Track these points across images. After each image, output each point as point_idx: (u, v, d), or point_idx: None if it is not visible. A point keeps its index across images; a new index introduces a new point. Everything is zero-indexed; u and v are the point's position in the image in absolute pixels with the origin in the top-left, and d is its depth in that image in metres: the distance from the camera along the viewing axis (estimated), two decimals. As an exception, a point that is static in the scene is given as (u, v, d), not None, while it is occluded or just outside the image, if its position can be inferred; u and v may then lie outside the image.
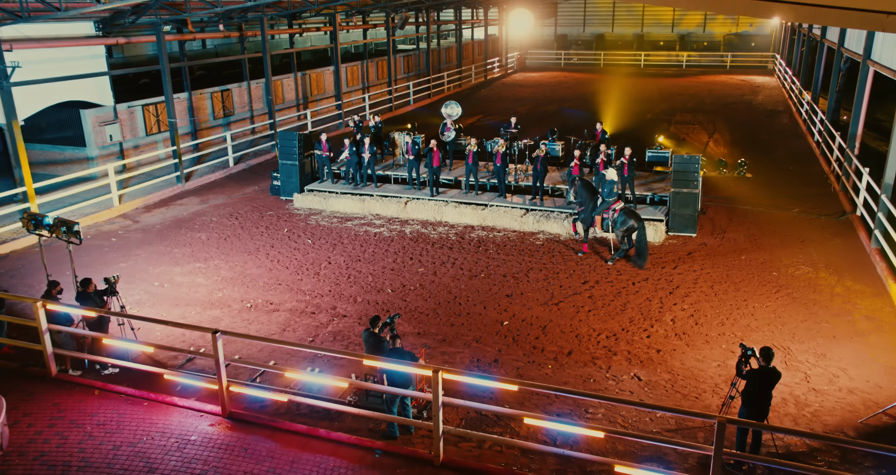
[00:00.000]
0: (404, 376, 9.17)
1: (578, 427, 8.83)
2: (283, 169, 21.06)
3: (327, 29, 32.76)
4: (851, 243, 16.88)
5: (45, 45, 19.38)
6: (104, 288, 11.37)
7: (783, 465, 7.43)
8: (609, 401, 9.95)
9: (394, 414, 9.45)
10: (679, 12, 57.96)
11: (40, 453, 9.15)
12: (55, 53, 20.13)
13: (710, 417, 7.56)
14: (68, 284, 12.73)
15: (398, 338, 9.63)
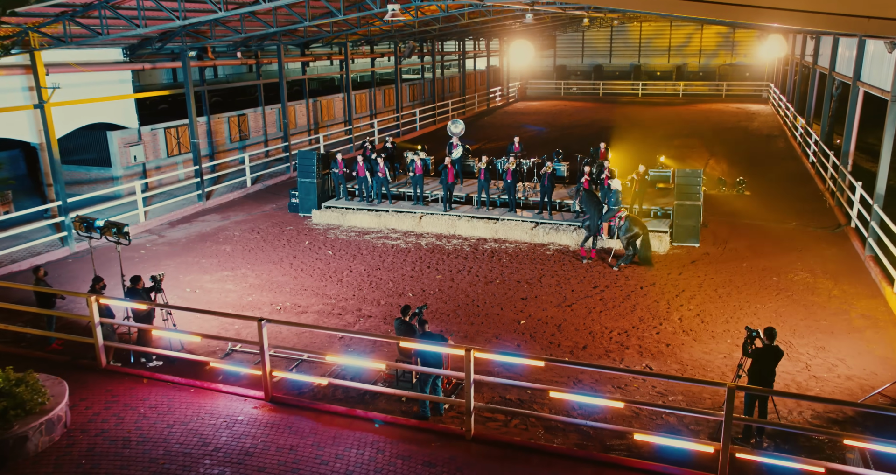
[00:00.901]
0: (437, 357, 9.97)
1: (599, 397, 9.60)
2: (301, 186, 21.99)
3: (338, 57, 34.02)
4: (846, 252, 17.76)
5: (78, 69, 20.43)
6: (151, 285, 12.19)
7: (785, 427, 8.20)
8: (628, 372, 10.76)
9: (427, 394, 10.21)
10: (675, 43, 59.58)
11: (101, 430, 9.89)
12: (87, 78, 21.17)
13: (721, 385, 8.36)
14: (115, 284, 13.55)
15: (426, 323, 10.44)
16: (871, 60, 19.74)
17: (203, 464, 9.12)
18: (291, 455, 9.30)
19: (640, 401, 9.82)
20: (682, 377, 10.39)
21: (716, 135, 36.65)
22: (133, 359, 12.25)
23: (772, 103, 49.09)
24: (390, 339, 10.53)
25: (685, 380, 9.68)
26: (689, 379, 10.00)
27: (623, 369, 10.09)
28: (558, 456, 9.27)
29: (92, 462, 9.18)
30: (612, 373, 11.45)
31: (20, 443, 9.15)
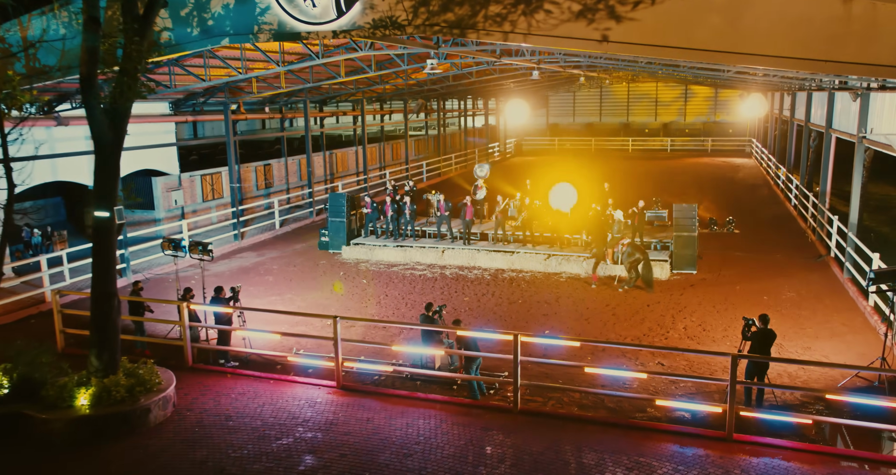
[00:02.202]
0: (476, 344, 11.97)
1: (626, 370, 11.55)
2: (331, 225, 24.09)
3: (353, 113, 36.67)
4: (827, 276, 19.92)
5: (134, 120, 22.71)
6: (230, 295, 14.13)
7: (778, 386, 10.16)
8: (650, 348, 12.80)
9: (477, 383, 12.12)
10: (662, 103, 63.08)
11: (203, 409, 11.69)
12: (140, 128, 23.46)
13: (726, 354, 10.36)
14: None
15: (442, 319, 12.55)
16: (840, 110, 22.38)
17: (297, 430, 10.92)
18: (369, 424, 11.12)
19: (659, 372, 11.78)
20: (694, 349, 12.43)
21: (704, 184, 39.24)
22: (212, 361, 14.07)
23: (755, 157, 52.09)
24: (448, 329, 12.44)
25: (696, 352, 11.70)
26: (699, 350, 12.01)
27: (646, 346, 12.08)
28: (590, 422, 11.15)
29: (203, 430, 10.97)
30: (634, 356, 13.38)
31: (144, 415, 10.95)
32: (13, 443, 10.65)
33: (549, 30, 10.02)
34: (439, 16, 10.65)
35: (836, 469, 9.62)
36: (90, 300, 11.41)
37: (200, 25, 12.35)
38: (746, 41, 9.68)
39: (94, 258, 11.27)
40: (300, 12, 11.75)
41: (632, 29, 9.80)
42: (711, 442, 10.39)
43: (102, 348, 11.28)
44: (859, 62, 9.01)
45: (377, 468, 9.77)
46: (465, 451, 10.19)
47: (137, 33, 10.40)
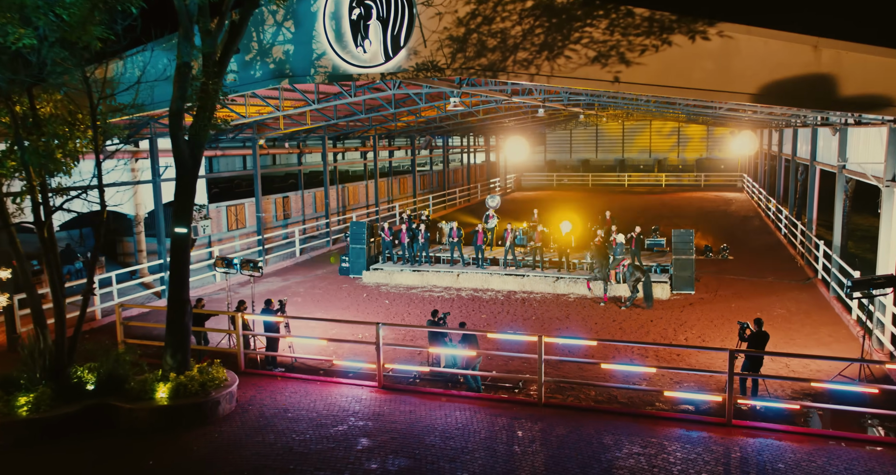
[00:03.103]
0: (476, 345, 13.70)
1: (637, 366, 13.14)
2: (352, 251, 25.74)
3: (365, 149, 38.61)
4: (815, 296, 21.60)
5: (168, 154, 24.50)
6: (277, 307, 15.72)
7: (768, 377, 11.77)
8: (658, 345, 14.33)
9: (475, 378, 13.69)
10: (655, 140, 65.44)
11: (262, 404, 13.19)
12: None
13: (724, 349, 11.97)
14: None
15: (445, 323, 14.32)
16: (823, 145, 24.35)
17: (349, 420, 12.43)
18: (412, 415, 12.64)
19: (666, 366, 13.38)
20: (695, 346, 14.02)
21: (699, 216, 41.15)
22: (260, 366, 15.57)
23: (746, 191, 54.19)
24: (479, 332, 14.02)
25: (698, 348, 13.27)
26: (701, 346, 13.59)
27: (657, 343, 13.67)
28: (605, 412, 12.70)
29: (266, 420, 12.46)
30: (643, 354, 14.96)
31: (215, 406, 12.45)
32: (103, 429, 12.13)
33: (569, 72, 11.85)
34: (474, 60, 12.48)
35: (820, 446, 11.18)
36: (167, 306, 12.99)
37: (262, 68, 14.17)
38: (735, 82, 11.49)
39: (172, 269, 12.89)
40: (352, 57, 13.59)
41: (639, 71, 11.62)
42: (713, 426, 11.95)
43: (176, 348, 12.83)
44: (828, 99, 10.80)
45: (424, 447, 11.28)
46: (499, 434, 11.71)
47: (215, 76, 12.20)
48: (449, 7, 12.62)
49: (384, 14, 13.06)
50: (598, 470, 10.49)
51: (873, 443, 11.32)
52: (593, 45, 11.72)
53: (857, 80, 10.55)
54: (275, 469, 10.64)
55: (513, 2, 12.01)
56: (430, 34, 12.86)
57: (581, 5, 11.75)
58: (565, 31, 11.80)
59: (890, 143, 14.97)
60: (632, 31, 11.47)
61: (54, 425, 11.81)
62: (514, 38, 12.15)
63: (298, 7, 13.68)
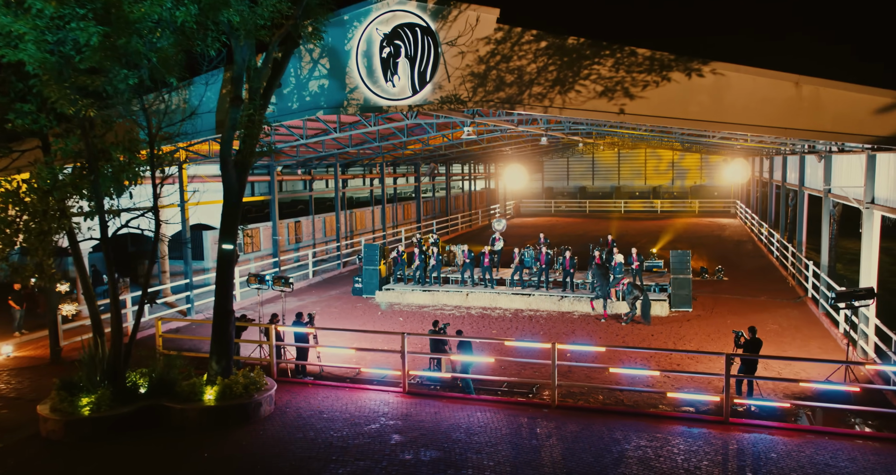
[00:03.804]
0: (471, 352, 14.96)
1: (642, 369, 14.38)
2: (365, 273, 27.00)
3: (373, 176, 40.07)
4: (805, 313, 22.91)
5: (196, 180, 25.89)
6: (307, 320, 16.94)
7: (762, 378, 13.03)
8: (662, 351, 15.60)
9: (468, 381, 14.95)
10: (650, 167, 67.21)
11: (298, 407, 14.36)
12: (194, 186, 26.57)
13: (721, 353, 13.25)
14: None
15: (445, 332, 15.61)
16: (810, 172, 25.87)
17: (380, 419, 13.61)
18: (437, 415, 13.82)
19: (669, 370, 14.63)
20: (694, 350, 15.27)
21: (694, 240, 42.56)
22: (291, 375, 16.74)
23: (739, 217, 55.77)
24: (496, 340, 15.25)
25: (698, 352, 14.51)
26: (700, 351, 14.82)
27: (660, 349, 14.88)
28: (613, 413, 13.91)
29: (304, 420, 13.63)
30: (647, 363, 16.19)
31: (257, 407, 13.62)
32: (157, 426, 13.28)
33: (579, 105, 13.26)
34: (493, 94, 13.90)
35: (809, 439, 12.41)
36: (213, 315, 14.22)
37: (299, 101, 15.58)
38: (727, 114, 12.90)
39: (217, 282, 14.14)
40: (382, 91, 15.01)
41: (641, 104, 13.03)
42: (712, 424, 13.17)
43: (221, 354, 14.03)
44: (808, 129, 12.21)
45: (451, 442, 12.46)
46: (518, 430, 12.92)
47: (260, 107, 13.59)
48: (471, 47, 14.09)
49: (412, 53, 14.51)
50: (609, 459, 11.69)
51: (855, 437, 12.55)
52: (601, 81, 13.16)
53: (833, 112, 11.98)
54: (319, 460, 11.80)
55: (528, 42, 13.48)
56: (453, 70, 14.31)
57: (589, 46, 13.22)
58: (575, 68, 13.24)
59: (868, 169, 16.43)
60: (635, 69, 12.91)
61: (114, 423, 12.96)
62: (529, 74, 13.59)
63: (333, 45, 15.14)
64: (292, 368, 16.95)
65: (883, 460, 11.54)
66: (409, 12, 14.53)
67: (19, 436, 13.17)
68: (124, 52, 10.23)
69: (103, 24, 9.76)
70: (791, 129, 12.59)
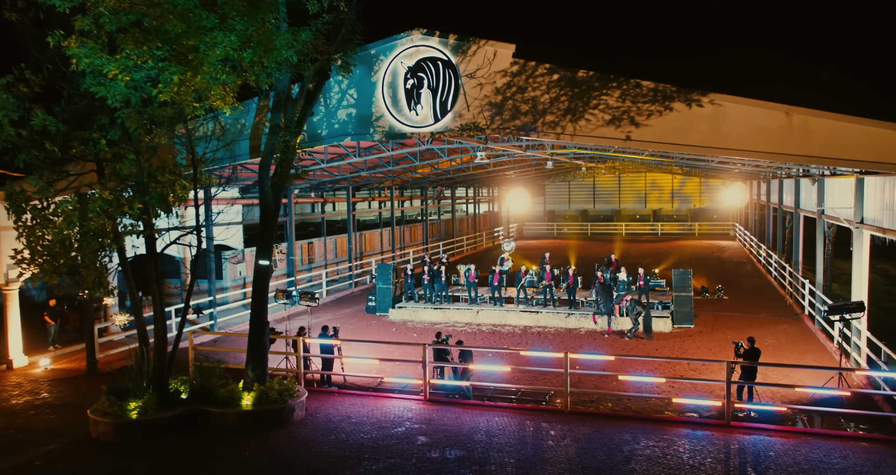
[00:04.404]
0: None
1: (649, 377, 15.41)
2: (379, 291, 28.05)
3: (382, 199, 41.29)
4: (802, 329, 23.95)
5: (217, 202, 27.06)
6: (332, 333, 17.99)
7: (759, 384, 14.07)
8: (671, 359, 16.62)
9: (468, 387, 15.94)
10: (651, 191, 68.58)
11: (328, 413, 15.37)
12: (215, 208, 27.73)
13: (721, 361, 14.29)
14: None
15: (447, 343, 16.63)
16: (805, 194, 27.08)
17: (405, 423, 14.61)
18: (458, 419, 14.83)
19: (675, 377, 15.67)
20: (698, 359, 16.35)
21: (695, 261, 43.65)
22: (316, 385, 17.74)
23: (738, 240, 56.94)
24: (513, 350, 16.29)
25: (700, 360, 15.57)
26: (703, 359, 15.87)
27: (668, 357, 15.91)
28: (622, 418, 14.91)
29: (334, 424, 14.63)
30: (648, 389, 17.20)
31: (290, 412, 14.63)
32: (198, 430, 14.28)
33: (588, 132, 14.45)
34: (510, 122, 15.10)
35: (804, 440, 13.42)
36: (249, 327, 15.28)
37: (328, 128, 16.78)
38: (724, 140, 14.06)
39: (254, 296, 15.23)
40: (406, 118, 16.21)
41: (646, 131, 14.21)
42: (715, 427, 14.19)
43: (257, 363, 15.08)
44: (798, 154, 13.37)
45: (473, 442, 13.46)
46: (535, 432, 13.92)
47: (294, 135, 14.79)
48: (488, 79, 15.32)
49: (434, 84, 15.73)
50: (620, 457, 12.70)
51: (846, 438, 13.57)
52: (608, 110, 14.36)
53: (821, 139, 13.14)
54: (353, 458, 12.80)
55: (542, 75, 14.70)
56: (472, 100, 15.52)
57: (598, 79, 14.44)
58: (585, 98, 14.45)
59: (857, 191, 17.61)
60: (640, 99, 14.11)
61: (159, 426, 13.97)
62: (543, 103, 14.80)
63: (361, 77, 16.37)
64: (318, 378, 17.94)
65: (872, 457, 12.56)
66: (432, 47, 15.80)
67: (71, 437, 14.17)
68: (195, 87, 11.44)
69: (181, 65, 10.97)
70: (783, 155, 13.76)
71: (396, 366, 19.10)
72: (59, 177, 13.95)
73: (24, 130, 12.77)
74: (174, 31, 10.48)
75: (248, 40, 11.20)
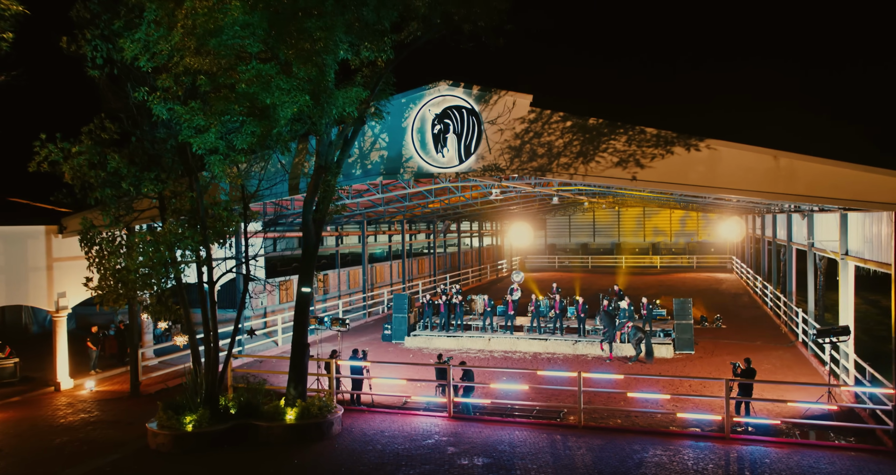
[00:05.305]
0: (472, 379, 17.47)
1: (655, 394, 16.92)
2: (395, 320, 29.56)
3: (391, 233, 43.00)
4: (797, 355, 25.46)
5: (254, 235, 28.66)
6: (361, 356, 19.49)
7: (756, 399, 15.60)
8: (677, 378, 18.07)
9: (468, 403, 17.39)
10: (649, 225, 70.45)
11: (361, 428, 16.82)
12: (245, 241, 29.37)
13: (720, 379, 15.82)
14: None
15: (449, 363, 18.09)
16: (796, 228, 28.82)
17: (434, 436, 16.06)
18: (482, 433, 16.28)
19: (678, 394, 17.18)
20: (700, 377, 17.86)
21: (693, 293, 45.19)
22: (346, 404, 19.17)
23: (736, 272, 58.57)
24: (528, 370, 17.77)
25: (701, 378, 17.09)
26: (704, 377, 17.39)
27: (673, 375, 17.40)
28: (630, 431, 16.38)
29: (369, 436, 16.07)
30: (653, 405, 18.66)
31: (329, 426, 16.09)
32: (246, 441, 15.72)
33: (599, 172, 16.17)
34: (527, 164, 16.84)
35: (796, 449, 14.90)
36: (291, 348, 16.80)
37: (362, 168, 18.53)
38: (720, 180, 15.77)
39: (296, 320, 16.78)
40: (433, 160, 17.95)
41: (650, 172, 15.92)
42: (715, 439, 15.66)
43: (298, 381, 16.56)
44: (786, 193, 15.07)
45: (498, 452, 14.90)
46: (553, 444, 15.38)
47: (334, 175, 16.51)
48: (508, 125, 17.10)
49: (459, 129, 17.50)
50: (632, 463, 14.16)
51: (834, 448, 15.05)
52: (616, 153, 16.09)
53: (805, 180, 14.84)
54: (391, 465, 14.24)
55: (557, 122, 16.48)
56: (493, 144, 17.28)
57: (607, 125, 16.20)
58: (595, 142, 16.19)
59: (841, 226, 19.32)
60: (644, 144, 15.85)
61: (213, 438, 15.41)
62: (557, 147, 16.54)
63: (392, 123, 18.15)
64: (347, 398, 19.36)
65: (856, 464, 14.03)
66: (457, 96, 17.61)
67: (131, 448, 15.59)
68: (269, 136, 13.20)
69: (262, 119, 12.73)
70: (772, 193, 15.46)
71: (418, 387, 20.53)
72: (127, 212, 15.60)
73: (101, 171, 14.47)
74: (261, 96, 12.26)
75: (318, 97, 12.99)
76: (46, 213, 22.58)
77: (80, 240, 15.26)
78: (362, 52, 14.65)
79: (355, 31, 13.41)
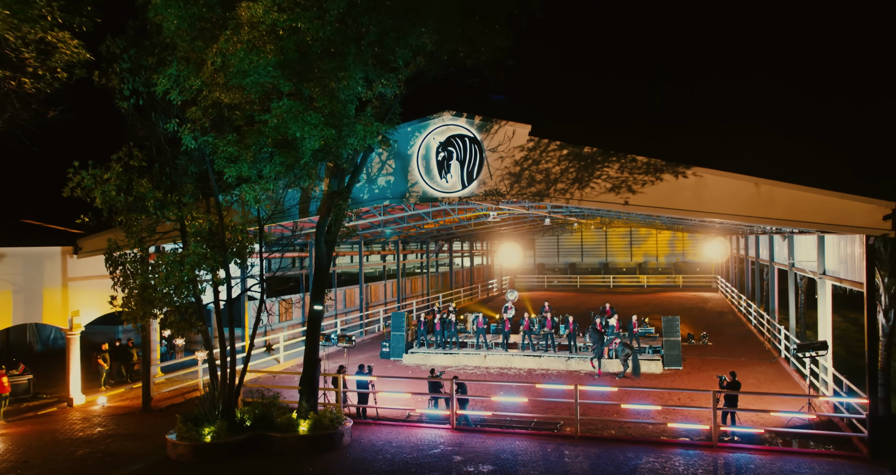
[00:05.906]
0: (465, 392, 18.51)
1: (647, 406, 17.95)
2: (393, 338, 30.46)
3: (387, 252, 43.97)
4: (779, 370, 26.61)
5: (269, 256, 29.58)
6: (367, 371, 20.41)
7: (741, 409, 16.68)
8: (667, 389, 19.13)
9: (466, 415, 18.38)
10: (636, 245, 71.85)
11: (370, 439, 17.71)
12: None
13: (707, 391, 16.91)
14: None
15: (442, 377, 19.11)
16: (777, 249, 30.13)
17: (439, 446, 16.99)
18: (484, 443, 17.23)
19: (672, 405, 18.23)
20: (689, 388, 18.94)
21: (680, 311, 46.41)
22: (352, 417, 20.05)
23: (721, 291, 59.93)
24: (527, 383, 18.75)
25: (689, 390, 18.16)
26: (692, 389, 18.46)
27: (665, 388, 18.44)
28: (624, 441, 17.38)
29: (378, 447, 16.97)
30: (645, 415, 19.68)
31: (340, 437, 16.98)
32: (261, 452, 16.57)
33: (593, 197, 17.33)
34: (526, 189, 17.98)
35: (778, 456, 15.96)
36: (303, 364, 17.71)
37: (370, 193, 19.60)
38: (705, 205, 16.97)
39: (308, 336, 17.72)
40: (437, 185, 19.05)
41: (641, 197, 17.09)
42: (704, 447, 16.70)
43: (309, 395, 17.46)
44: (766, 217, 16.29)
45: (501, 460, 15.86)
46: (552, 452, 16.36)
47: (344, 200, 17.56)
48: (508, 153, 18.26)
49: (462, 156, 18.63)
50: (627, 469, 15.16)
51: (813, 455, 16.13)
52: (609, 180, 17.26)
53: (783, 205, 16.07)
54: (402, 472, 15.16)
55: (554, 150, 17.65)
56: (494, 170, 18.41)
57: (600, 154, 17.39)
58: (590, 170, 17.37)
59: (819, 247, 20.57)
60: (635, 171, 17.04)
61: (230, 449, 16.25)
62: (554, 174, 17.70)
63: (398, 150, 19.27)
64: (353, 412, 20.24)
65: (834, 469, 15.11)
66: (460, 126, 18.77)
67: (152, 459, 16.40)
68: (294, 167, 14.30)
69: (291, 149, 13.82)
70: (753, 217, 16.69)
71: (420, 401, 21.44)
72: (149, 234, 16.56)
73: (129, 197, 15.45)
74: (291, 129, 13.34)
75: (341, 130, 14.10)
76: (60, 234, 23.45)
77: (106, 261, 16.18)
78: (377, 88, 15.80)
79: (371, 68, 14.55)
